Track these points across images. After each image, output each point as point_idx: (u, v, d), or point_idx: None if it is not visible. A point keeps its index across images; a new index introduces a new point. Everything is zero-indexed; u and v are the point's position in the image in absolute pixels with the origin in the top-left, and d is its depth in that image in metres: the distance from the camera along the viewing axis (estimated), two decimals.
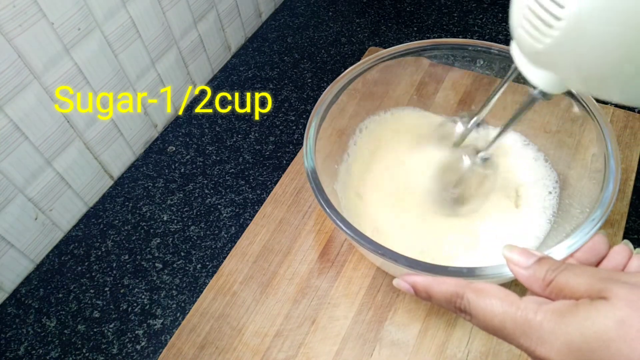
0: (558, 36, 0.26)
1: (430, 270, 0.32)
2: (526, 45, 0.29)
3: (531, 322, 0.24)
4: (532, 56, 0.30)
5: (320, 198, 0.37)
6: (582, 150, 0.42)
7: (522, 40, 0.29)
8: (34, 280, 0.50)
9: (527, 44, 0.28)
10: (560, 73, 0.30)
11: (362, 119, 0.49)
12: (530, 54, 0.30)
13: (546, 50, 0.27)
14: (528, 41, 0.28)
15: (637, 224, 0.47)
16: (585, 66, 0.27)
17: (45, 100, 0.46)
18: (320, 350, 0.41)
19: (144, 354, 0.44)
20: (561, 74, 0.30)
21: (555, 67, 0.29)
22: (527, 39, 0.28)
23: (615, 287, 0.22)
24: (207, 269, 0.49)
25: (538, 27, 0.27)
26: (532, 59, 0.30)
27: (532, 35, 0.27)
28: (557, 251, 0.31)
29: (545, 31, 0.26)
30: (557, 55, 0.27)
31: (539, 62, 0.30)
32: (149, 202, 0.54)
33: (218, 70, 0.68)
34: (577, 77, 0.29)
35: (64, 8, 0.44)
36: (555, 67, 0.29)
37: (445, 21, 0.70)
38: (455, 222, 0.43)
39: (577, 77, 0.29)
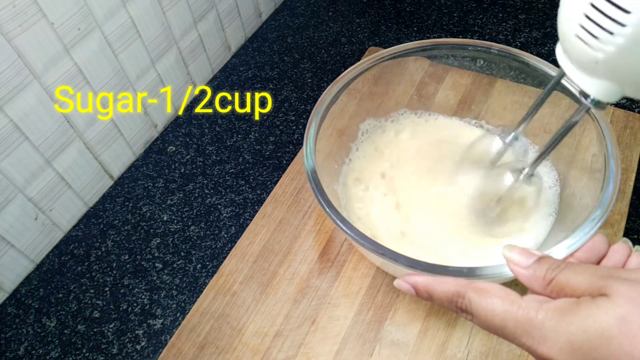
0: (622, 44, 0.25)
1: (430, 270, 0.32)
2: (583, 54, 0.27)
3: (533, 321, 0.24)
4: (589, 65, 0.28)
5: (320, 198, 0.37)
6: (582, 150, 0.42)
7: (578, 50, 0.27)
8: (34, 280, 0.50)
9: (585, 54, 0.27)
10: (621, 81, 0.28)
11: (364, 119, 0.49)
12: (588, 64, 0.28)
13: (607, 59, 0.26)
14: (586, 51, 0.26)
15: (637, 224, 0.47)
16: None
17: (45, 100, 0.46)
18: (320, 350, 0.41)
19: (144, 354, 0.44)
20: (622, 82, 0.28)
21: (616, 76, 0.27)
22: (584, 49, 0.26)
23: (615, 284, 0.22)
24: (207, 269, 0.49)
25: (599, 35, 0.25)
26: (588, 68, 0.28)
27: (591, 44, 0.26)
28: (557, 251, 0.31)
29: (607, 39, 0.25)
30: (619, 63, 0.26)
31: (597, 71, 0.28)
32: (149, 202, 0.54)
33: (218, 70, 0.68)
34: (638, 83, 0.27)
35: (64, 8, 0.44)
36: (615, 76, 0.27)
37: (445, 21, 0.70)
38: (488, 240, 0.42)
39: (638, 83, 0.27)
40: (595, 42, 0.26)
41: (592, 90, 0.29)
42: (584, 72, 0.29)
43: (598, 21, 0.25)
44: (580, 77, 0.29)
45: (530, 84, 0.46)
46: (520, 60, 0.45)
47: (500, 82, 0.50)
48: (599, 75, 0.28)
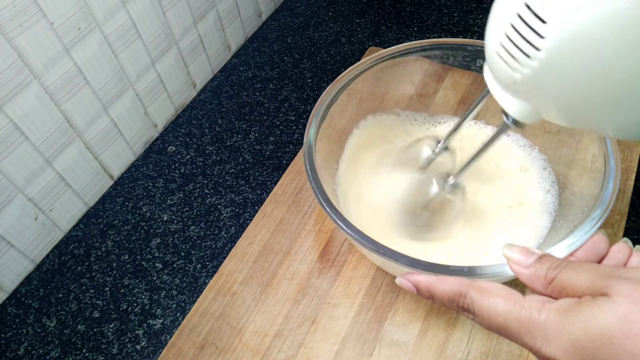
0: (537, 67, 0.25)
1: (431, 269, 0.32)
2: (503, 74, 0.27)
3: (535, 321, 0.24)
4: (508, 85, 0.28)
5: (320, 198, 0.37)
6: (582, 150, 0.42)
7: (499, 69, 0.27)
8: (34, 280, 0.50)
9: (504, 73, 0.27)
10: (538, 104, 0.28)
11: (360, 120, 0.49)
12: (507, 83, 0.28)
13: (524, 81, 0.26)
14: (505, 70, 0.27)
15: (637, 224, 0.47)
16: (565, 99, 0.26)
17: (45, 100, 0.46)
18: (320, 350, 0.41)
19: (144, 354, 0.44)
20: (538, 105, 0.28)
21: (533, 98, 0.28)
22: (504, 68, 0.27)
23: (616, 283, 0.22)
24: (207, 269, 0.49)
25: (516, 56, 0.25)
26: (508, 88, 0.28)
27: (510, 64, 0.26)
28: (557, 250, 0.31)
29: (524, 61, 0.25)
30: (535, 86, 0.26)
31: (516, 91, 0.28)
32: (149, 202, 0.54)
33: (218, 70, 0.68)
34: (555, 109, 0.27)
35: (64, 8, 0.44)
36: (532, 98, 0.28)
37: (445, 21, 0.70)
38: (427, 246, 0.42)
39: (554, 109, 0.27)
40: (513, 62, 0.26)
41: (510, 109, 0.29)
42: (506, 91, 0.29)
43: (516, 42, 0.25)
44: (502, 96, 0.29)
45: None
46: None
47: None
48: (518, 96, 0.28)
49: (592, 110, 0.26)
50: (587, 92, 0.25)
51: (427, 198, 0.39)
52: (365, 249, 0.35)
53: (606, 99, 0.24)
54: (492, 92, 0.30)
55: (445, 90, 0.52)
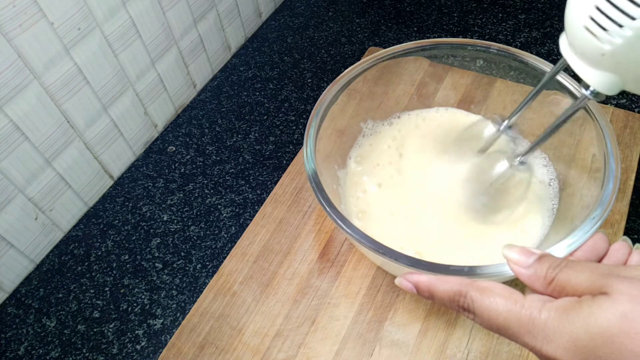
0: (630, 36, 0.25)
1: (431, 268, 0.32)
2: (589, 46, 0.27)
3: (536, 321, 0.24)
4: (594, 57, 0.28)
5: (320, 197, 0.37)
6: (582, 150, 0.42)
7: (585, 42, 0.27)
8: (34, 280, 0.50)
9: (591, 46, 0.27)
10: (624, 74, 0.28)
11: (364, 119, 0.49)
12: (593, 56, 0.28)
13: (613, 52, 0.26)
14: (593, 42, 0.27)
15: (637, 224, 0.47)
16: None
17: (45, 100, 0.46)
18: (320, 350, 0.41)
19: (144, 354, 0.44)
20: (625, 76, 0.28)
21: (620, 69, 0.28)
22: (591, 40, 0.27)
23: (615, 282, 0.22)
24: (207, 269, 0.49)
25: (608, 27, 0.25)
26: (593, 60, 0.28)
27: (599, 36, 0.26)
28: (557, 250, 0.31)
29: (616, 31, 0.25)
30: (625, 56, 0.26)
31: (601, 63, 0.28)
32: (149, 202, 0.54)
33: (218, 70, 0.68)
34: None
35: (64, 8, 0.44)
36: (619, 69, 0.28)
37: (445, 21, 0.70)
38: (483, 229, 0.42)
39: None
40: (603, 34, 0.26)
41: (593, 81, 0.30)
42: (588, 64, 0.29)
43: (609, 13, 0.25)
44: (583, 68, 0.29)
45: (529, 84, 0.46)
46: (520, 60, 0.45)
47: (500, 82, 0.50)
48: (603, 68, 0.28)
49: None
50: None
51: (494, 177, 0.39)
52: (365, 249, 0.35)
53: None
54: (571, 65, 0.30)
55: (445, 90, 0.52)
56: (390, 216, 0.44)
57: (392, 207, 0.44)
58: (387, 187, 0.46)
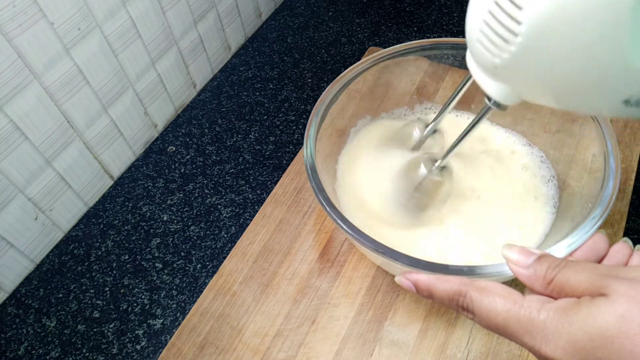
0: (515, 52, 0.26)
1: (430, 268, 0.32)
2: (483, 59, 0.28)
3: (535, 321, 0.24)
4: (489, 69, 0.29)
5: (320, 197, 0.37)
6: (582, 150, 0.42)
7: (479, 54, 0.28)
8: (34, 280, 0.50)
9: (485, 58, 0.28)
10: (519, 87, 0.29)
11: (360, 120, 0.49)
12: (487, 68, 0.29)
13: (503, 65, 0.27)
14: (485, 55, 0.28)
15: (637, 224, 0.47)
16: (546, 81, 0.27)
17: (45, 100, 0.46)
18: (320, 350, 0.41)
19: (144, 354, 0.44)
20: (519, 88, 0.29)
21: (513, 81, 0.29)
22: (484, 53, 0.28)
23: (614, 283, 0.22)
24: (207, 269, 0.49)
25: (495, 41, 0.26)
26: (489, 72, 0.29)
27: (489, 49, 0.27)
28: (557, 250, 0.31)
29: (502, 46, 0.26)
30: (514, 69, 0.27)
31: (496, 75, 0.29)
32: (149, 202, 0.54)
33: (218, 70, 0.68)
34: (537, 91, 0.28)
35: (64, 8, 0.44)
36: (513, 81, 0.29)
37: (445, 21, 0.70)
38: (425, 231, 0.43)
39: (537, 91, 0.28)
40: (492, 47, 0.27)
41: (492, 92, 0.31)
42: (486, 75, 0.30)
43: (495, 28, 0.26)
44: (483, 79, 0.31)
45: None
46: None
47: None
48: (498, 79, 0.29)
49: (571, 91, 0.27)
50: (564, 73, 0.25)
51: (416, 179, 0.41)
52: (365, 249, 0.35)
53: (584, 79, 0.25)
54: (473, 76, 0.31)
55: (445, 90, 0.52)
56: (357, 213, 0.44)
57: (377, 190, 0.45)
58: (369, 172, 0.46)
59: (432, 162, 0.40)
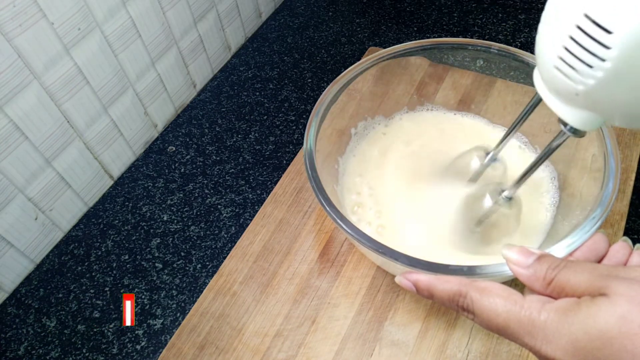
0: (602, 77, 0.24)
1: (430, 268, 0.32)
2: (562, 86, 0.26)
3: (535, 322, 0.24)
4: (569, 97, 0.27)
5: (320, 197, 0.37)
6: (582, 150, 0.42)
7: (558, 81, 0.26)
8: (34, 280, 0.50)
9: (564, 85, 0.26)
10: (603, 112, 0.27)
11: (360, 120, 0.49)
12: (567, 95, 0.27)
13: (587, 92, 0.25)
14: (565, 82, 0.26)
15: (637, 224, 0.47)
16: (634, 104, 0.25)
17: (45, 100, 0.46)
18: (320, 350, 0.41)
19: (144, 354, 0.44)
20: (604, 113, 0.27)
21: (597, 107, 0.27)
22: (564, 81, 0.26)
23: (614, 283, 0.22)
24: (207, 269, 0.49)
25: (579, 69, 0.24)
26: (567, 98, 0.27)
27: (571, 76, 0.25)
28: (557, 250, 0.31)
29: (587, 72, 0.24)
30: (600, 96, 0.25)
31: (577, 102, 0.27)
32: (149, 202, 0.54)
33: (218, 70, 0.68)
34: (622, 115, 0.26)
35: (64, 8, 0.44)
36: (596, 107, 0.27)
37: (445, 21, 0.70)
38: None
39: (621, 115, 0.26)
40: (575, 74, 0.25)
41: (570, 119, 0.28)
42: (563, 102, 0.28)
43: (578, 55, 0.24)
44: (559, 106, 0.28)
45: (530, 84, 0.46)
46: (520, 59, 0.45)
47: (500, 82, 0.50)
48: (579, 106, 0.27)
49: None
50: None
51: (481, 212, 0.38)
52: (365, 249, 0.35)
53: None
54: (547, 103, 0.29)
55: (445, 90, 0.52)
56: (380, 229, 0.43)
57: (381, 217, 0.44)
58: (378, 193, 0.45)
59: (497, 193, 0.37)
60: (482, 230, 0.39)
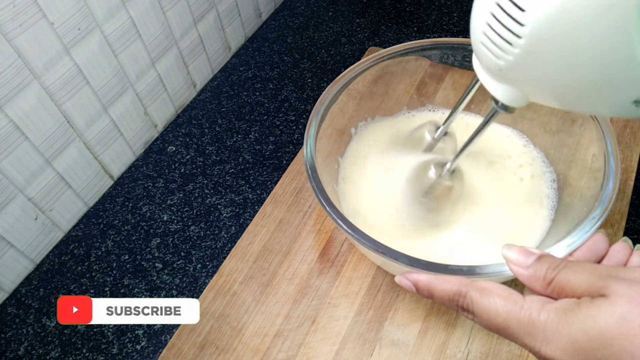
0: (519, 54, 0.25)
1: (430, 268, 0.32)
2: (488, 62, 0.28)
3: (535, 322, 0.24)
4: (494, 72, 0.29)
5: (320, 197, 0.37)
6: (582, 150, 0.42)
7: (484, 57, 0.28)
8: (34, 280, 0.50)
9: (489, 61, 0.28)
10: (524, 89, 0.29)
11: (361, 120, 0.49)
12: (493, 71, 0.29)
13: (508, 67, 0.27)
14: (490, 58, 0.28)
15: (637, 224, 0.47)
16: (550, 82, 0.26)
17: (45, 100, 0.46)
18: (320, 350, 0.41)
19: (144, 354, 0.44)
20: (525, 90, 0.29)
21: (518, 83, 0.29)
22: (489, 56, 0.28)
23: (614, 284, 0.22)
24: (207, 269, 0.49)
25: (499, 44, 0.26)
26: (495, 74, 0.29)
27: (494, 52, 0.27)
28: (557, 250, 0.31)
29: (506, 48, 0.26)
30: (520, 72, 0.27)
31: (502, 77, 0.29)
32: (149, 202, 0.54)
33: (218, 70, 0.68)
34: (542, 93, 0.28)
35: (64, 8, 0.44)
36: (518, 83, 0.29)
37: (445, 21, 0.70)
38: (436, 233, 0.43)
39: (542, 92, 0.28)
40: (497, 50, 0.26)
41: (499, 95, 0.30)
42: (492, 77, 0.30)
43: (498, 31, 0.26)
44: (489, 82, 0.30)
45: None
46: None
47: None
48: (505, 81, 0.29)
49: (580, 93, 0.26)
50: (571, 75, 0.25)
51: (427, 184, 0.40)
52: (365, 249, 0.35)
53: (592, 81, 0.25)
54: (479, 79, 0.31)
55: (445, 90, 0.52)
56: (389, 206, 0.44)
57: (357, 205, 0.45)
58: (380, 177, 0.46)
59: (442, 166, 0.40)
60: (428, 200, 0.41)
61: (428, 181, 0.40)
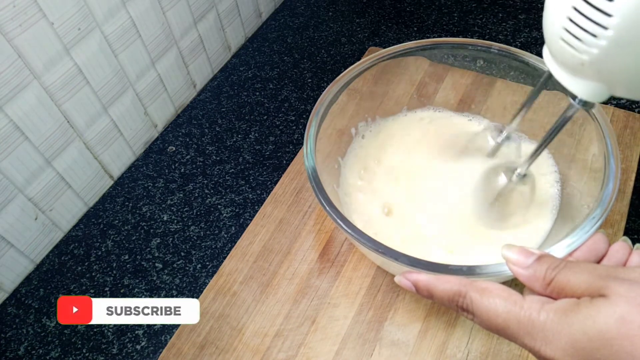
0: (605, 46, 0.24)
1: (430, 268, 0.32)
2: (569, 57, 0.27)
3: (535, 322, 0.24)
4: (575, 67, 0.28)
5: (320, 197, 0.37)
6: (582, 150, 0.42)
7: (564, 53, 0.27)
8: (34, 280, 0.50)
9: (570, 56, 0.27)
10: (608, 82, 0.28)
11: (361, 120, 0.49)
12: (574, 66, 0.28)
13: (592, 61, 0.26)
14: (571, 53, 0.26)
15: (637, 224, 0.47)
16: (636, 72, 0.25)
17: (45, 100, 0.46)
18: (320, 350, 0.41)
19: (144, 354, 0.44)
20: (608, 83, 0.28)
21: (602, 77, 0.27)
22: (569, 51, 0.26)
23: (613, 284, 0.22)
24: (207, 269, 0.49)
25: (582, 38, 0.25)
26: (575, 69, 0.28)
27: (576, 47, 0.26)
28: (557, 250, 0.31)
29: (591, 42, 0.25)
30: (604, 65, 0.26)
31: (583, 73, 0.28)
32: (149, 202, 0.54)
33: (218, 70, 0.68)
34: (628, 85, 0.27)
35: (64, 8, 0.44)
36: (601, 77, 0.27)
37: (445, 21, 0.70)
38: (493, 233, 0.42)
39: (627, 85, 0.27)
40: (579, 44, 0.26)
41: (579, 91, 0.29)
42: (571, 74, 0.29)
43: (581, 24, 0.25)
44: (567, 79, 0.29)
45: (530, 84, 0.46)
46: (521, 59, 0.45)
47: (500, 82, 0.50)
48: (586, 77, 0.28)
49: None
50: None
51: (497, 189, 0.39)
52: (365, 249, 0.35)
53: None
54: (555, 77, 0.30)
55: (445, 90, 0.52)
56: (386, 217, 0.44)
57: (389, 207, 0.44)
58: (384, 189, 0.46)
59: (511, 171, 0.39)
60: (499, 205, 0.40)
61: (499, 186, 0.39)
